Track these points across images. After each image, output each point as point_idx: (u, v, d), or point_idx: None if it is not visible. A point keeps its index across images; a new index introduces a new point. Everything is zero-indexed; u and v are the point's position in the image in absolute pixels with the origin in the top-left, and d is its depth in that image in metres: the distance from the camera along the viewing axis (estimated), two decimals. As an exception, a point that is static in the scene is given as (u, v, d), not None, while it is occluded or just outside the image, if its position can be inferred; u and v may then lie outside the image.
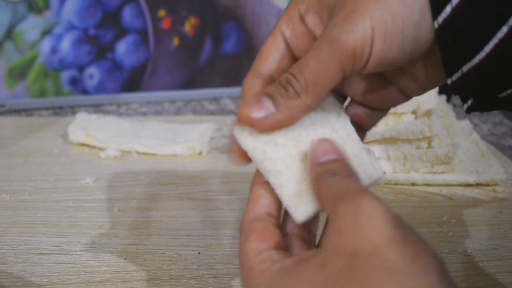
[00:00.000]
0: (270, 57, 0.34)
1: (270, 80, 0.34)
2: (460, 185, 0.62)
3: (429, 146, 0.63)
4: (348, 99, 0.37)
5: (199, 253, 0.48)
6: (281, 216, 0.33)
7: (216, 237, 0.51)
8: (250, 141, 0.32)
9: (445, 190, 0.61)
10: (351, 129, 0.34)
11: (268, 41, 0.34)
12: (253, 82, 0.34)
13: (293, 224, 0.33)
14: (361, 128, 0.37)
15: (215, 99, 0.96)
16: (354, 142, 0.33)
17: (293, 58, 0.34)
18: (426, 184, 0.62)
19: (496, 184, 0.62)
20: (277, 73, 0.34)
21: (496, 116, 0.91)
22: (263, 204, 0.32)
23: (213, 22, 0.96)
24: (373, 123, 0.37)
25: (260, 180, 0.32)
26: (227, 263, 0.47)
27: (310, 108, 0.31)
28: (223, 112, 0.90)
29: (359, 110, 0.36)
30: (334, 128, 0.33)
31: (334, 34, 0.29)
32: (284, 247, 0.31)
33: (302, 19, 0.33)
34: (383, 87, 0.35)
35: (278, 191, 0.31)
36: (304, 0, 0.33)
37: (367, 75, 0.35)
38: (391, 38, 0.29)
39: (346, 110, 0.36)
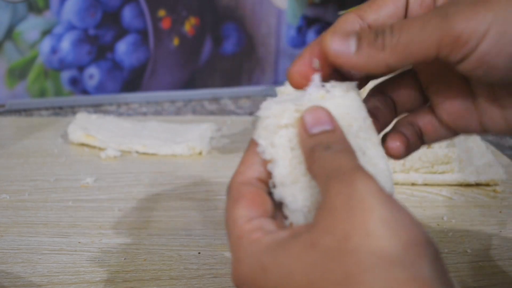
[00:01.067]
0: (383, 8, 0.32)
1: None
2: (460, 185, 0.62)
3: (429, 146, 0.63)
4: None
5: (199, 253, 0.48)
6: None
7: (216, 237, 0.51)
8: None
9: (445, 190, 0.61)
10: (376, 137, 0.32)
11: None
12: (351, 19, 0.32)
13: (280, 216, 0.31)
14: (420, 139, 0.35)
15: (215, 99, 0.96)
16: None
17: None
18: (426, 184, 0.62)
19: (496, 184, 0.62)
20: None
21: (496, 116, 0.91)
22: (255, 169, 0.30)
23: (213, 22, 0.96)
24: (434, 139, 0.35)
25: (255, 148, 0.31)
26: (227, 263, 0.47)
27: (388, 68, 0.29)
28: (223, 112, 0.90)
29: (430, 121, 0.35)
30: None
31: (450, 11, 0.27)
32: (274, 216, 0.30)
33: None
34: (468, 109, 0.33)
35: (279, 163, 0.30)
36: None
37: (460, 89, 0.33)
38: (503, 45, 0.27)
39: (420, 114, 0.35)
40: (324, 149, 0.28)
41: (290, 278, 0.25)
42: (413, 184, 0.62)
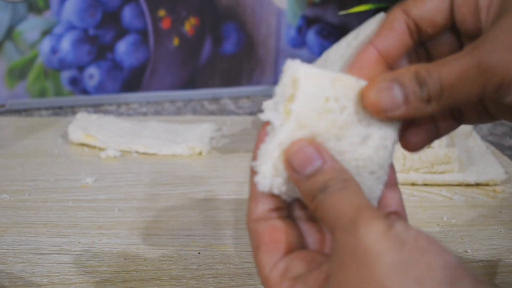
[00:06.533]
0: (427, 2, 0.31)
1: (386, 53, 0.32)
2: (460, 185, 0.62)
3: (429, 146, 0.63)
4: None
5: (199, 253, 0.48)
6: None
7: (216, 237, 0.51)
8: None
9: (445, 190, 0.61)
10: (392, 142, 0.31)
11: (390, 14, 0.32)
12: (398, 16, 0.32)
13: (296, 206, 0.31)
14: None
15: (215, 99, 0.96)
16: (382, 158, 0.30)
17: (416, 36, 0.32)
18: (426, 184, 0.62)
19: (496, 184, 0.62)
20: (395, 49, 0.32)
21: (496, 116, 0.91)
22: (264, 201, 0.30)
23: (213, 22, 0.96)
24: (443, 133, 0.35)
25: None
26: (227, 263, 0.47)
27: (431, 116, 0.30)
28: (223, 112, 0.90)
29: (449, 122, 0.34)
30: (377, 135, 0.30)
31: (485, 58, 0.27)
32: (297, 242, 0.30)
33: None
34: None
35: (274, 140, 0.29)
36: None
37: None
38: None
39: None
40: (322, 192, 0.27)
41: None
42: (413, 184, 0.62)
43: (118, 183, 0.61)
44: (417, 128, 0.33)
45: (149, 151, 0.69)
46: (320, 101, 0.28)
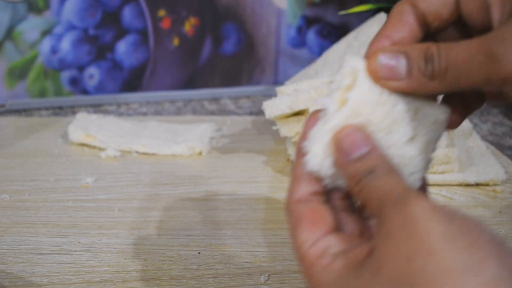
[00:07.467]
0: (400, 23, 0.31)
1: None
2: (460, 185, 0.62)
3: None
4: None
5: (199, 253, 0.48)
6: None
7: (216, 237, 0.51)
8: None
9: (445, 190, 0.61)
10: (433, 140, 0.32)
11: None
12: (405, 9, 0.32)
13: (336, 196, 0.31)
14: None
15: (215, 99, 0.96)
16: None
17: (425, 28, 0.32)
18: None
19: (496, 184, 0.62)
20: (407, 41, 0.32)
21: (496, 116, 0.91)
22: (307, 183, 0.30)
23: (213, 22, 0.96)
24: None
25: (302, 160, 0.30)
26: (227, 263, 0.47)
27: (438, 94, 0.30)
28: (223, 112, 0.90)
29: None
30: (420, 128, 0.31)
31: (493, 47, 0.27)
32: (337, 226, 0.30)
33: None
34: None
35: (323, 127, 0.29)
36: None
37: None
38: None
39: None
40: (368, 175, 0.28)
41: None
42: (413, 184, 0.62)
43: (118, 183, 0.61)
44: (453, 108, 0.34)
45: (149, 151, 0.69)
46: (376, 93, 0.30)
